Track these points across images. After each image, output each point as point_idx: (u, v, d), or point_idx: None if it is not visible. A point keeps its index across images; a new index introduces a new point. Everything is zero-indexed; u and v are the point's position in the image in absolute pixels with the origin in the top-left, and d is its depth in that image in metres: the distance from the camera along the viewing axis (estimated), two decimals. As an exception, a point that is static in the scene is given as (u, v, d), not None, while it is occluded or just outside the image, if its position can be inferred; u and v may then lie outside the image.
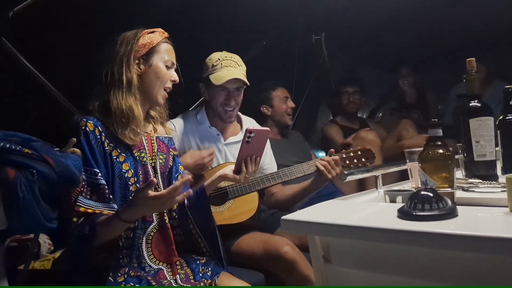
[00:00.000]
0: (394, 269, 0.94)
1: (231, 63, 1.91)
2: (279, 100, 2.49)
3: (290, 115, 2.53)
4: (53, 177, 1.10)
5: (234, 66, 1.91)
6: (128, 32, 1.44)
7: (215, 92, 1.93)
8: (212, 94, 1.95)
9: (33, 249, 1.64)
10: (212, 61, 1.91)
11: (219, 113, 1.96)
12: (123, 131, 1.35)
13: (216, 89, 1.91)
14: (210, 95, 1.96)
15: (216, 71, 1.89)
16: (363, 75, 3.73)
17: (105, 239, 1.27)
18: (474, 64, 1.35)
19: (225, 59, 1.90)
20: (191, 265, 1.44)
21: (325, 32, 3.40)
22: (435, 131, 1.12)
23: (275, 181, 1.87)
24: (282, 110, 2.49)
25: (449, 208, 0.90)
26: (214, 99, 1.95)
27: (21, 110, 1.89)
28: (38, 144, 1.12)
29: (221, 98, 1.93)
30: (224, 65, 1.89)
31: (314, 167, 1.89)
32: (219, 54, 1.94)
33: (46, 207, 1.09)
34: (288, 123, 2.53)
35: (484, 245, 0.76)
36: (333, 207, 1.19)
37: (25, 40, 1.87)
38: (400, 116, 3.35)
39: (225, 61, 1.90)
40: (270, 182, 1.86)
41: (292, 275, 1.70)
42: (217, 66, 1.89)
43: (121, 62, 1.38)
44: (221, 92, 1.92)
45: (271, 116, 2.49)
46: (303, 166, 1.90)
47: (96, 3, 1.98)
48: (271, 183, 1.87)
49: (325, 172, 1.85)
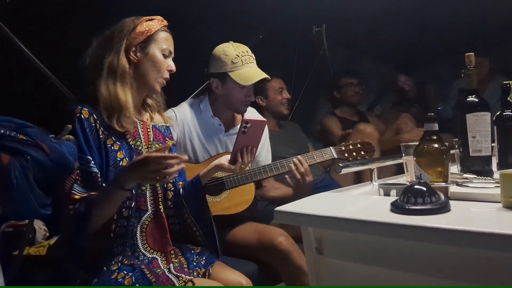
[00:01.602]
0: (386, 262, 0.95)
1: (250, 59, 1.89)
2: (274, 91, 2.49)
3: (285, 105, 2.51)
4: (48, 163, 1.09)
5: (253, 62, 1.89)
6: (127, 18, 1.42)
7: (235, 89, 1.90)
8: (230, 91, 1.91)
9: (28, 235, 1.65)
10: (230, 57, 1.86)
11: (236, 107, 1.95)
12: (111, 118, 1.34)
13: (236, 86, 1.88)
14: (226, 91, 1.92)
15: (238, 68, 1.86)
16: (363, 68, 3.72)
17: (102, 217, 1.26)
18: (472, 59, 1.35)
19: (244, 55, 1.87)
20: (186, 254, 1.45)
21: (326, 24, 3.38)
22: (431, 125, 1.12)
23: (273, 173, 1.87)
24: (277, 101, 2.48)
25: (441, 202, 0.90)
26: (232, 96, 1.92)
27: (17, 95, 1.88)
28: (33, 130, 1.11)
29: (241, 95, 1.91)
30: (245, 62, 1.86)
31: (313, 158, 1.90)
32: (233, 48, 1.89)
33: (40, 194, 1.09)
34: (284, 113, 2.52)
35: (476, 240, 0.76)
36: (327, 199, 1.19)
37: (23, 25, 1.85)
38: (399, 110, 3.34)
39: (244, 57, 1.87)
40: (267, 173, 1.86)
41: (285, 266, 1.71)
42: (237, 63, 1.86)
43: (112, 49, 1.37)
44: (241, 90, 1.90)
45: (266, 107, 2.48)
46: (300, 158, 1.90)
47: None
48: (268, 174, 1.87)
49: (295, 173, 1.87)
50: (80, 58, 1.39)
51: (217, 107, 1.98)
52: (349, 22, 3.16)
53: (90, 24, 1.86)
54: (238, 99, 1.92)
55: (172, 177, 1.29)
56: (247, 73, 1.86)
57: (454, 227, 0.78)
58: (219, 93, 1.94)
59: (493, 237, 0.74)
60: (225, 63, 1.87)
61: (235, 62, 1.86)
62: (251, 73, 1.86)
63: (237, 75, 1.86)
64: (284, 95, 2.50)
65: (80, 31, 1.89)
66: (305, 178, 1.86)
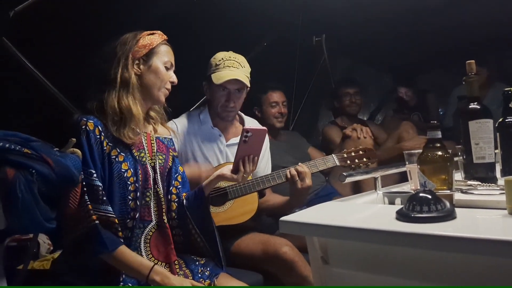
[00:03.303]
0: (392, 270, 0.94)
1: (234, 64, 1.90)
2: (267, 104, 2.49)
3: (278, 119, 2.50)
4: (52, 177, 1.09)
5: (236, 67, 1.90)
6: (128, 33, 1.45)
7: (216, 92, 1.93)
8: (213, 94, 1.94)
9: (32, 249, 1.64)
10: (215, 60, 1.91)
11: (219, 111, 1.96)
12: (119, 130, 1.35)
13: (217, 89, 1.91)
14: (211, 94, 1.96)
15: (218, 70, 1.88)
16: (363, 77, 3.73)
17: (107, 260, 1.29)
18: (473, 66, 1.35)
19: (229, 59, 1.90)
20: (190, 266, 1.44)
21: (326, 34, 3.40)
22: (434, 133, 1.12)
23: (275, 182, 1.86)
24: (268, 114, 2.49)
25: (447, 210, 0.90)
26: (215, 99, 1.95)
27: (21, 110, 1.89)
28: (37, 144, 1.12)
29: (222, 98, 1.92)
30: (227, 65, 1.88)
31: (316, 166, 1.89)
32: (223, 53, 1.93)
33: (45, 207, 1.09)
34: (276, 126, 2.50)
35: (483, 247, 0.76)
36: (331, 208, 1.19)
37: (26, 40, 1.87)
38: (400, 118, 3.35)
39: (228, 61, 1.89)
40: (270, 182, 1.86)
41: (290, 276, 1.70)
42: (219, 65, 1.89)
43: (119, 62, 1.39)
44: (222, 93, 1.92)
45: (261, 118, 2.48)
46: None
47: (98, 2, 1.98)
48: (271, 184, 1.86)
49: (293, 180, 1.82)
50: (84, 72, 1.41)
51: (215, 116, 2.00)
52: (349, 32, 3.19)
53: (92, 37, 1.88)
54: (219, 102, 1.93)
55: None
56: (223, 74, 1.87)
57: (461, 235, 0.78)
58: (208, 97, 1.99)
59: (500, 244, 0.74)
60: (211, 65, 1.92)
61: (218, 64, 1.89)
62: (227, 74, 1.87)
63: (215, 75, 1.88)
64: (277, 109, 2.49)
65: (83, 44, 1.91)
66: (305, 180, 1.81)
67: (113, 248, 1.26)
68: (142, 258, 1.33)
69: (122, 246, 1.29)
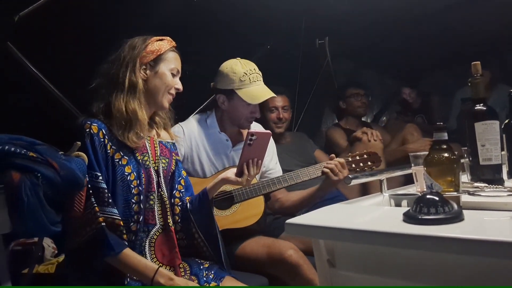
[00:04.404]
0: (400, 273, 0.93)
1: (257, 77, 1.89)
2: (266, 109, 2.46)
3: (276, 124, 2.48)
4: (58, 180, 1.09)
5: (260, 80, 1.90)
6: (137, 37, 1.46)
7: (240, 106, 1.90)
8: (236, 107, 1.91)
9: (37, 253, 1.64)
10: (238, 75, 1.86)
11: (240, 123, 1.95)
12: (124, 133, 1.35)
13: (242, 103, 1.88)
14: (232, 107, 1.92)
15: (246, 86, 1.86)
16: (367, 79, 3.73)
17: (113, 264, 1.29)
18: (479, 68, 1.35)
19: (252, 73, 1.88)
20: (195, 269, 1.44)
21: (329, 37, 3.40)
22: (440, 134, 1.11)
23: (281, 185, 1.86)
24: (267, 119, 2.47)
25: (455, 212, 0.89)
26: (237, 112, 1.92)
27: (27, 113, 1.89)
28: (42, 148, 1.12)
29: (246, 111, 1.91)
30: (253, 80, 1.87)
31: (320, 170, 1.88)
32: (240, 65, 1.89)
33: (50, 211, 1.09)
34: (275, 131, 2.47)
35: (491, 249, 0.75)
36: (337, 211, 1.18)
37: (31, 45, 1.88)
38: (404, 121, 3.34)
39: (252, 75, 1.87)
40: (276, 186, 1.85)
41: (296, 279, 1.69)
42: (245, 81, 1.86)
43: (127, 66, 1.39)
44: (247, 107, 1.90)
45: (261, 123, 2.47)
46: (309, 170, 1.88)
47: (102, 7, 1.99)
48: (277, 187, 1.86)
49: (330, 174, 1.83)
50: (88, 75, 1.41)
51: (223, 123, 1.98)
52: (352, 34, 3.19)
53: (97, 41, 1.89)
54: (244, 115, 1.92)
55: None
56: (255, 92, 1.86)
57: (469, 237, 0.77)
58: (224, 108, 1.95)
59: (508, 246, 0.73)
60: (233, 81, 1.87)
61: (243, 80, 1.86)
62: (259, 92, 1.86)
63: (245, 93, 1.86)
64: (275, 114, 2.47)
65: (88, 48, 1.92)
66: (343, 171, 1.84)
67: (119, 251, 1.26)
68: (146, 261, 1.33)
69: (127, 249, 1.29)
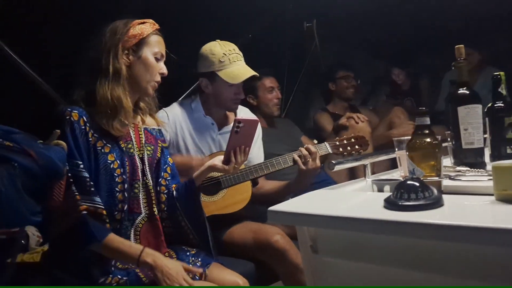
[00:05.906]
0: (381, 259, 0.94)
1: (237, 57, 1.88)
2: (264, 90, 2.44)
3: (276, 106, 2.47)
4: (36, 170, 1.07)
5: (240, 60, 1.88)
6: (118, 21, 1.41)
7: (224, 88, 1.89)
8: (220, 90, 1.90)
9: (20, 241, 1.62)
10: (217, 56, 1.85)
11: (227, 105, 1.94)
12: (108, 121, 1.33)
13: (225, 85, 1.87)
14: (216, 90, 1.91)
15: (226, 67, 1.85)
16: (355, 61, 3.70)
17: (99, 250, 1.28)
18: (462, 51, 1.34)
19: (231, 53, 1.86)
20: (181, 256, 1.44)
21: (316, 19, 3.36)
22: (422, 119, 1.11)
23: (268, 170, 1.85)
24: (266, 100, 2.44)
25: (435, 197, 0.89)
26: (222, 94, 1.91)
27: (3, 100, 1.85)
28: (19, 137, 1.09)
29: (230, 93, 1.90)
30: (232, 60, 1.85)
31: None
32: (219, 47, 1.87)
33: (29, 201, 1.07)
34: (275, 113, 2.48)
35: (470, 235, 0.75)
36: (320, 197, 1.18)
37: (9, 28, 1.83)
38: (393, 103, 3.33)
39: (232, 55, 1.86)
40: (263, 171, 1.85)
41: (282, 264, 1.70)
42: (224, 62, 1.85)
43: (109, 52, 1.35)
44: (231, 88, 1.89)
45: (257, 106, 2.44)
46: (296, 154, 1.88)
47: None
48: (264, 172, 1.85)
49: (299, 163, 1.84)
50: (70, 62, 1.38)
51: (209, 106, 1.97)
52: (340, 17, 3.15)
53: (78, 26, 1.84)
54: (228, 97, 1.91)
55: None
56: (235, 72, 1.85)
57: (447, 223, 0.77)
58: (208, 92, 1.93)
59: (486, 231, 0.73)
60: (212, 62, 1.86)
61: (223, 61, 1.85)
62: (239, 71, 1.85)
63: (225, 73, 1.85)
64: (274, 94, 2.45)
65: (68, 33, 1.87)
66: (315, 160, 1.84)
67: (102, 237, 1.25)
68: (131, 243, 1.32)
69: (111, 234, 1.28)
